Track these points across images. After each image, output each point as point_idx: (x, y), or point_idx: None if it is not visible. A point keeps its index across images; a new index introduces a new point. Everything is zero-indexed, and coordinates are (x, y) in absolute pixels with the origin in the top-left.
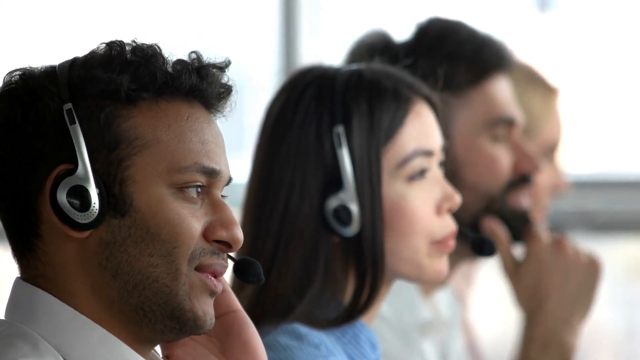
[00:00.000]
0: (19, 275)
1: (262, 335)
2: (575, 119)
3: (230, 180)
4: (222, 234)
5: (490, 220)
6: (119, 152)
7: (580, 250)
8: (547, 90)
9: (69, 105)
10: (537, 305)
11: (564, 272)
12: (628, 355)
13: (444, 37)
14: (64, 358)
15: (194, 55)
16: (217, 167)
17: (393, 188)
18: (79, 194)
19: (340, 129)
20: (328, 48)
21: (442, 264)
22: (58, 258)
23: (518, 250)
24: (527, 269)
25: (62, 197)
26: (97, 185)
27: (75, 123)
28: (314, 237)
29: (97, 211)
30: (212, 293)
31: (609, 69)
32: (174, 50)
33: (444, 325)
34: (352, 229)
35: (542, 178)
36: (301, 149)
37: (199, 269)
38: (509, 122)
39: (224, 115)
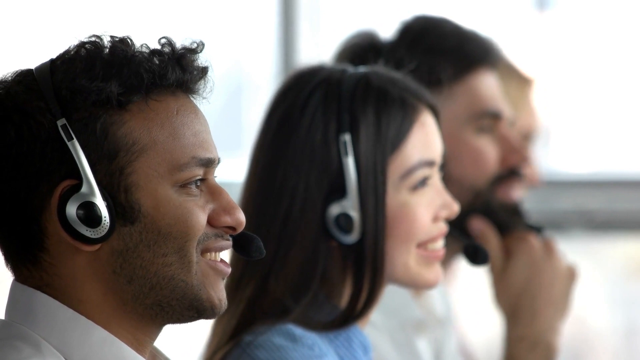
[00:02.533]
0: (15, 279)
1: (257, 335)
2: (574, 118)
3: (219, 161)
4: (227, 220)
5: (478, 221)
6: (119, 160)
7: (562, 255)
8: (521, 80)
9: (63, 121)
10: (527, 304)
11: (551, 274)
12: (627, 355)
13: (426, 32)
14: (65, 359)
15: (165, 42)
16: (212, 156)
17: (396, 197)
18: (88, 209)
19: (347, 137)
20: (327, 48)
21: (432, 273)
22: (67, 269)
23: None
24: (516, 268)
25: (71, 214)
26: (104, 198)
27: (72, 139)
28: (314, 243)
29: (108, 225)
30: (224, 277)
31: (608, 67)
32: (143, 38)
33: (438, 323)
34: (352, 237)
35: None
36: (306, 155)
37: (204, 251)
38: (494, 115)
39: (204, 98)
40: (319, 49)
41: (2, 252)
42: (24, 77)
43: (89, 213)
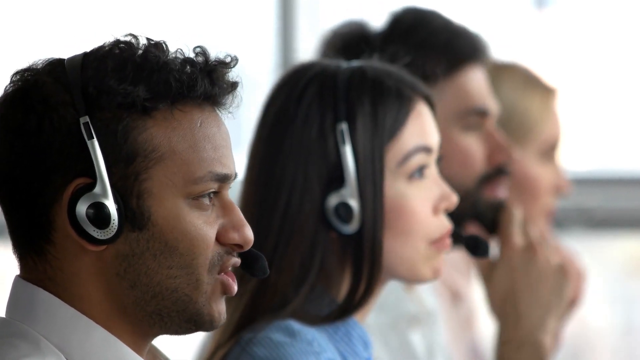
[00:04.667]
0: (18, 274)
1: (256, 332)
2: (573, 117)
3: (235, 176)
4: (235, 237)
5: (471, 227)
6: (135, 165)
7: (550, 255)
8: (544, 91)
9: (86, 119)
10: (510, 309)
11: (536, 276)
12: (626, 352)
13: (417, 26)
14: (65, 358)
15: (199, 51)
16: (229, 172)
17: (394, 186)
18: (98, 210)
19: (344, 126)
20: None
21: (438, 263)
22: (71, 266)
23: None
24: (499, 274)
25: (81, 212)
26: (116, 201)
27: (93, 138)
28: (314, 234)
29: (116, 228)
30: (227, 294)
31: (607, 66)
32: (177, 44)
33: (429, 316)
34: (351, 227)
35: (544, 179)
36: (304, 146)
37: (220, 272)
38: (481, 113)
39: (230, 112)
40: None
41: (11, 240)
42: (54, 67)
43: (99, 213)
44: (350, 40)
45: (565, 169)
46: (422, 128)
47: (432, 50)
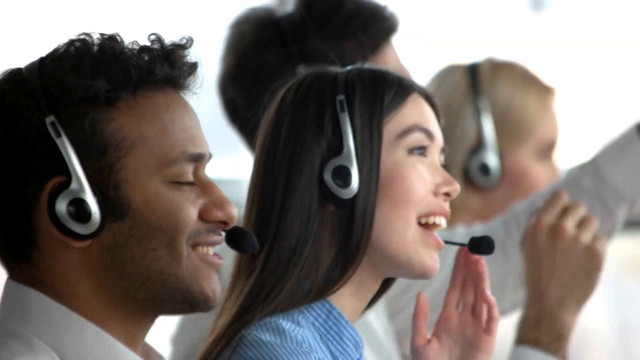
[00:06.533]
0: (9, 277)
1: (245, 329)
2: (569, 118)
3: (210, 157)
4: (218, 215)
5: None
6: (108, 156)
7: (582, 237)
8: (542, 90)
9: (52, 118)
10: (532, 288)
11: (559, 258)
12: (622, 352)
13: (329, 13)
14: (58, 356)
15: (154, 38)
16: (202, 151)
17: (392, 155)
18: (78, 206)
19: (342, 97)
20: None
21: (430, 258)
22: (58, 266)
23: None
24: (525, 258)
25: (61, 210)
26: (94, 194)
27: (61, 136)
28: (310, 204)
29: (98, 221)
30: (216, 269)
31: (603, 68)
32: (132, 36)
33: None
34: (349, 191)
35: (541, 178)
36: (304, 121)
37: (195, 246)
38: None
39: (194, 93)
40: None
41: None
42: (12, 76)
43: (79, 209)
44: (259, 24)
45: (562, 169)
46: (421, 113)
47: (349, 37)
